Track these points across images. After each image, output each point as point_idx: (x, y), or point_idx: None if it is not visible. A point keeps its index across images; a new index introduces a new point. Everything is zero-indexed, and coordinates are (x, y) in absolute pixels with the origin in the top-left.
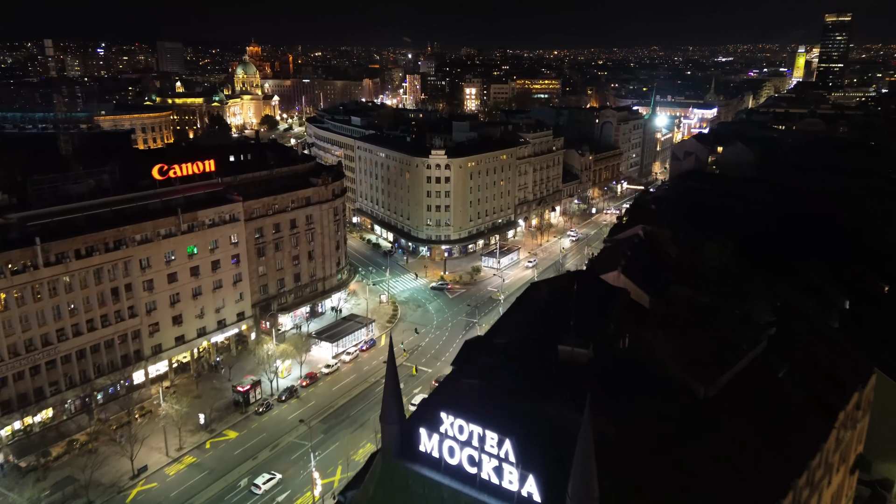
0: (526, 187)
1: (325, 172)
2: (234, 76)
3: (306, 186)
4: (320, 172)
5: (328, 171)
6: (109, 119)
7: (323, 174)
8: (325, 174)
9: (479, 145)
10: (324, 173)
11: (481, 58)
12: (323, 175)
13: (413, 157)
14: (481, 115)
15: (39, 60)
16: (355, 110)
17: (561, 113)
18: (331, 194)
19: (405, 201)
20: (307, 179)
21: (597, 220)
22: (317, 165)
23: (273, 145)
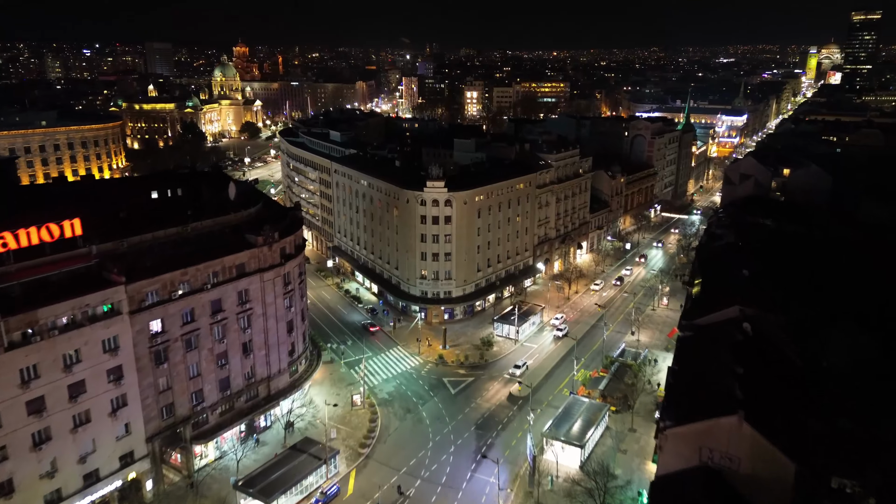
0: (547, 222)
1: (270, 226)
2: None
3: (240, 248)
4: (263, 224)
5: (278, 218)
6: (26, 134)
7: (266, 228)
8: (270, 227)
9: (488, 171)
10: (266, 227)
11: (481, 59)
12: (266, 229)
13: (403, 189)
14: (484, 123)
15: (21, 62)
16: (338, 120)
17: (582, 124)
18: (279, 256)
19: (393, 245)
20: (242, 237)
21: (633, 261)
22: (260, 212)
23: (214, 175)
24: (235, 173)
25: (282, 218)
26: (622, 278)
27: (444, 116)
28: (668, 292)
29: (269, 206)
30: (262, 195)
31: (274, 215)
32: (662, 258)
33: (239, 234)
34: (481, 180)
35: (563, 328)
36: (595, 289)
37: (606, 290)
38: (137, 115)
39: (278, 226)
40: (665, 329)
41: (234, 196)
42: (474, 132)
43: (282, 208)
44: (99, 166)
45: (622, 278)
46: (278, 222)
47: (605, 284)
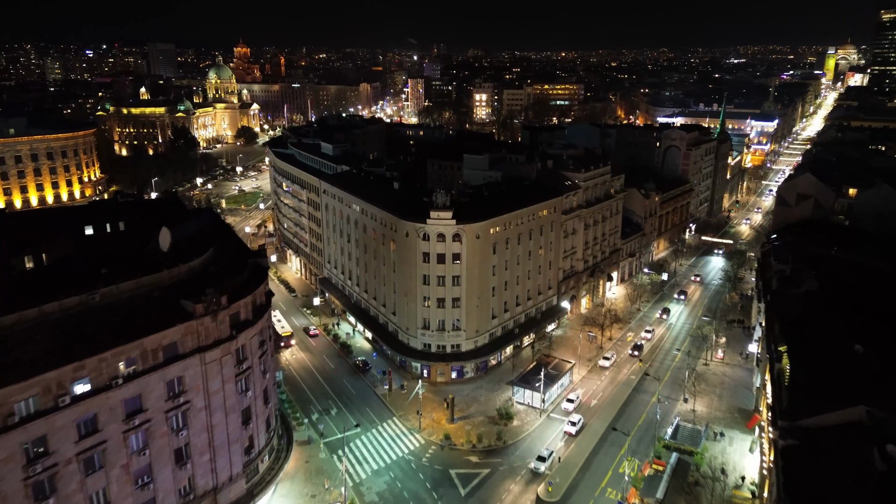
0: (574, 253)
1: (216, 288)
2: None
3: (171, 321)
4: (210, 282)
5: (233, 270)
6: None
7: (209, 292)
8: (215, 291)
9: (505, 195)
10: (210, 290)
11: (489, 60)
12: (209, 294)
13: (401, 219)
14: (494, 127)
15: (22, 63)
16: (334, 128)
17: (607, 133)
18: (229, 327)
19: (389, 285)
20: (176, 303)
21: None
22: (207, 264)
23: (167, 203)
24: (226, 183)
25: (237, 270)
26: (666, 311)
27: (452, 120)
28: (725, 343)
29: (224, 250)
30: (220, 234)
31: (228, 266)
32: (704, 292)
33: (172, 301)
34: (497, 207)
35: (577, 421)
36: (631, 334)
37: (644, 334)
38: (125, 120)
39: (231, 283)
40: (725, 393)
41: (167, 246)
42: (485, 141)
43: (243, 252)
44: (68, 179)
45: (666, 311)
46: (232, 277)
47: (643, 327)
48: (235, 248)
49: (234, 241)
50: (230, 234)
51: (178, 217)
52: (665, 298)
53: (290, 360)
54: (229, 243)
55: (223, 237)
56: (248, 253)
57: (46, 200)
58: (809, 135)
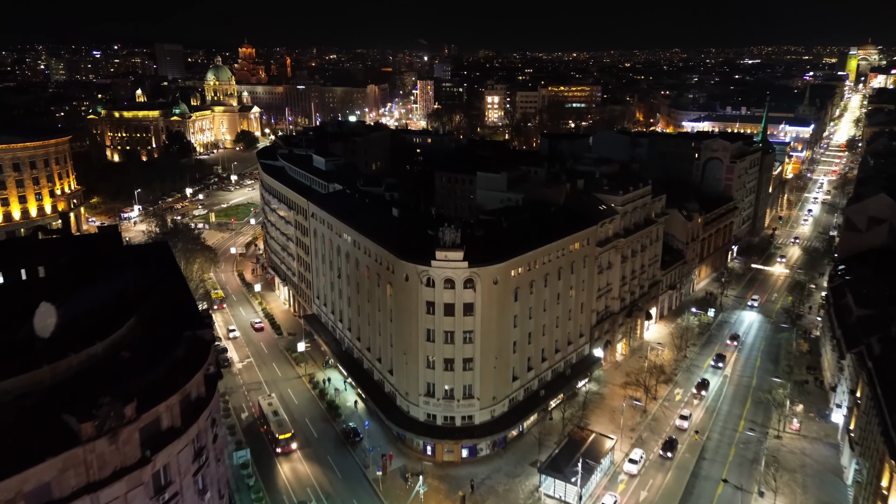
0: (609, 290)
1: (113, 399)
2: (202, 83)
3: (44, 451)
4: (112, 379)
5: (157, 356)
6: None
7: (105, 403)
8: (113, 400)
9: (529, 225)
10: (106, 401)
11: (500, 60)
12: (105, 406)
13: (400, 259)
14: (507, 132)
15: (27, 63)
16: (334, 135)
17: (638, 142)
18: (139, 448)
19: (385, 337)
20: (57, 419)
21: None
22: (119, 347)
23: (98, 241)
24: (220, 193)
25: (165, 351)
26: (703, 386)
27: (462, 123)
28: (801, 410)
29: (156, 317)
30: (158, 289)
31: (153, 345)
32: (759, 333)
33: (52, 414)
34: (519, 242)
35: None
36: (679, 393)
37: (680, 421)
38: (118, 124)
39: (149, 376)
40: (809, 481)
41: (47, 330)
42: (498, 149)
43: (183, 318)
44: (37, 193)
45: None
46: (153, 366)
47: (692, 379)
48: (175, 310)
49: (178, 298)
50: (176, 286)
51: (108, 262)
52: (713, 340)
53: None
54: (166, 304)
55: (161, 295)
56: (190, 320)
57: (12, 216)
58: (840, 140)
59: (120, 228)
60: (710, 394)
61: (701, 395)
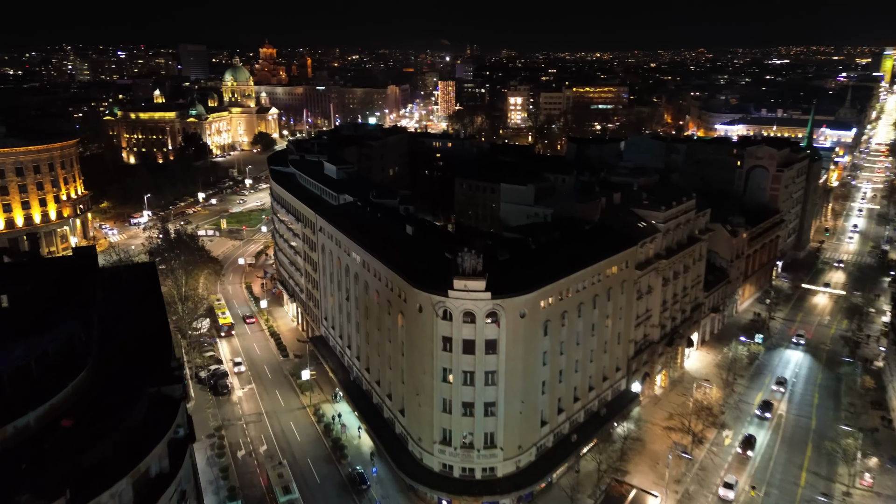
0: (648, 317)
1: (32, 497)
2: (220, 84)
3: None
4: (44, 457)
5: (107, 425)
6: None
7: (24, 501)
8: (31, 499)
9: (560, 246)
10: (26, 499)
11: (523, 60)
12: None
13: (413, 286)
14: (530, 134)
15: (53, 63)
16: (349, 139)
17: (675, 149)
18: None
19: (396, 371)
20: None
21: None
22: (61, 412)
23: (84, 259)
24: (234, 197)
25: (119, 417)
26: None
27: (484, 125)
28: (876, 464)
29: (109, 372)
30: (126, 327)
31: (105, 406)
32: (813, 369)
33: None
34: (551, 268)
35: None
36: (728, 436)
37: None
38: (134, 126)
39: (93, 452)
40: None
41: None
42: (522, 155)
43: (148, 366)
44: (41, 198)
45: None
46: (101, 437)
47: (742, 417)
48: (142, 357)
49: (148, 340)
50: (151, 322)
51: (66, 296)
52: (763, 372)
53: (264, 456)
54: (131, 349)
55: (127, 338)
56: (159, 369)
57: (15, 223)
58: (879, 144)
59: (98, 246)
60: (759, 453)
61: (747, 455)
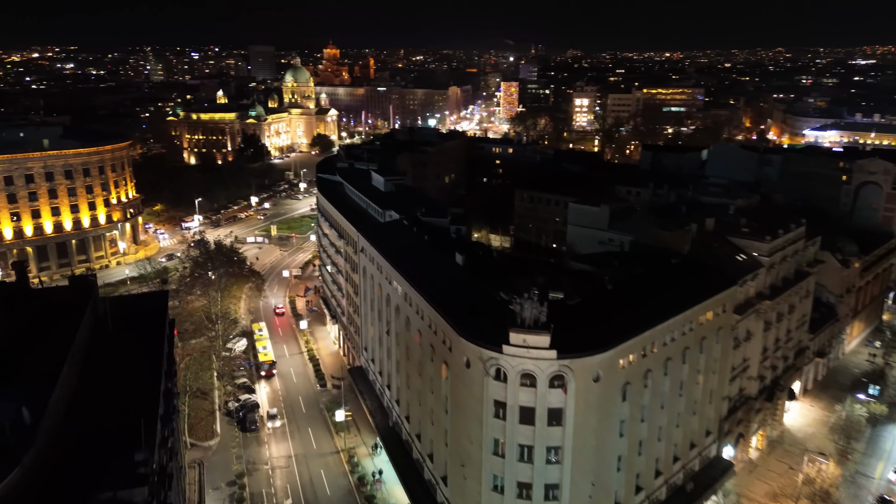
0: (745, 368)
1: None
2: (280, 85)
3: None
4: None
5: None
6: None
7: None
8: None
9: (643, 286)
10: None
11: (589, 60)
12: None
13: (460, 335)
14: (597, 139)
15: (131, 64)
16: (404, 144)
17: (767, 160)
18: None
19: (439, 430)
20: None
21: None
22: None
23: (79, 290)
24: (288, 201)
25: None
26: None
27: (548, 127)
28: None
29: (54, 470)
30: (66, 420)
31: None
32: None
33: None
34: (633, 315)
35: None
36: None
37: None
38: (195, 126)
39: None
40: None
41: None
42: (590, 163)
43: (110, 463)
44: (91, 202)
45: None
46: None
47: (860, 497)
48: (103, 441)
49: (127, 407)
50: (139, 383)
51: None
52: (883, 436)
53: None
54: (94, 423)
55: (102, 402)
56: (121, 459)
57: (63, 227)
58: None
59: (148, 251)
60: None
61: None
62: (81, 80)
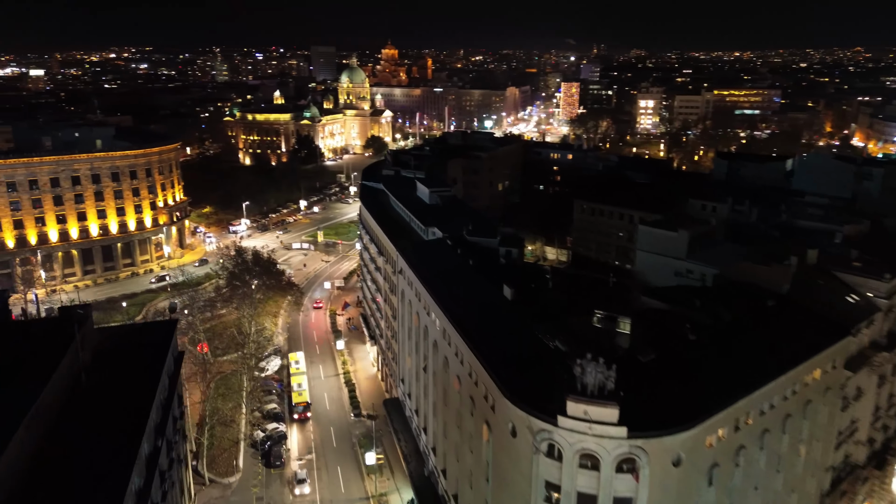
0: (853, 432)
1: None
2: (337, 85)
3: None
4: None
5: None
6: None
7: None
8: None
9: (732, 335)
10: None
11: (654, 60)
12: None
13: (504, 395)
14: (663, 144)
15: (199, 65)
16: (456, 149)
17: (868, 173)
18: None
19: (478, 496)
20: None
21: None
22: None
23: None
24: (338, 205)
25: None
26: None
27: (609, 130)
28: None
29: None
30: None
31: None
32: None
33: None
34: (722, 377)
35: None
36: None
37: None
38: (250, 127)
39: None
40: None
41: None
42: (657, 171)
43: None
44: (137, 205)
45: None
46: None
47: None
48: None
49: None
50: (108, 451)
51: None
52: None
53: None
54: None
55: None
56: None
57: (109, 230)
58: None
59: (194, 254)
60: None
61: None
62: (152, 80)
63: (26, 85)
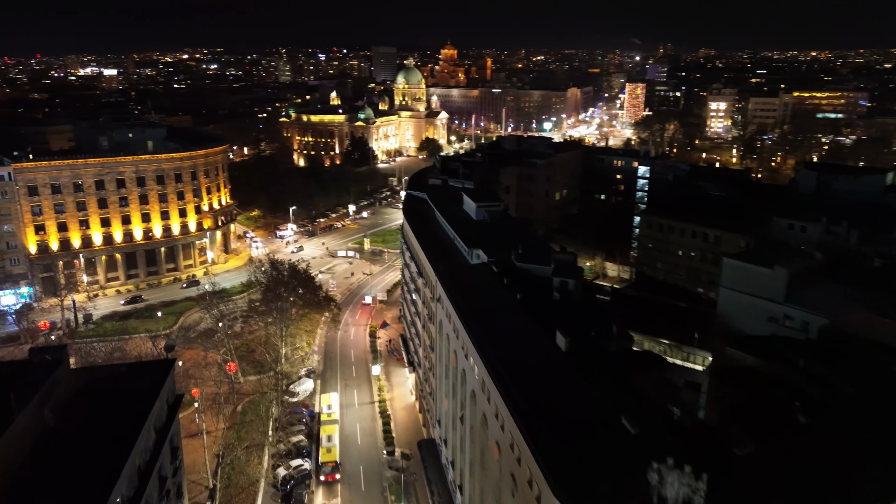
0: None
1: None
2: (393, 86)
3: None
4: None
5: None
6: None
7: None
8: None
9: (850, 414)
10: None
11: (724, 60)
12: None
13: (552, 488)
14: (736, 150)
15: (263, 65)
16: (511, 155)
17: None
18: None
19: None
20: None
21: None
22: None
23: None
24: (388, 210)
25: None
26: None
27: (677, 133)
28: None
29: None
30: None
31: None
32: None
33: None
34: (849, 488)
35: None
36: None
37: None
38: (305, 128)
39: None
40: None
41: None
42: (736, 185)
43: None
44: (181, 208)
45: None
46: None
47: None
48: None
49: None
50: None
51: None
52: None
53: None
54: None
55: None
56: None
57: (153, 233)
58: None
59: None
60: None
61: None
62: (219, 81)
63: (100, 84)
